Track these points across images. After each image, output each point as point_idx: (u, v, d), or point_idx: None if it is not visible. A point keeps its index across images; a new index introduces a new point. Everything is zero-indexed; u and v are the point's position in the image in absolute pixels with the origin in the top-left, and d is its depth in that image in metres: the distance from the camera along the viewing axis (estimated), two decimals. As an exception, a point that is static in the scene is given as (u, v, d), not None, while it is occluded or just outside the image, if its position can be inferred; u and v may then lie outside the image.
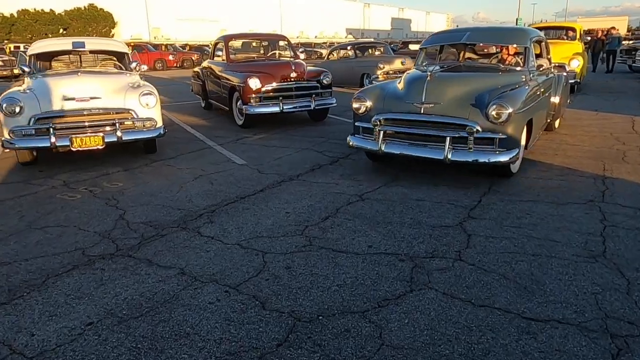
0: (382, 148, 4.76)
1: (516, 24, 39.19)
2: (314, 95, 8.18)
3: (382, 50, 15.62)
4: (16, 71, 18.60)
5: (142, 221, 4.00)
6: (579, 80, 11.07)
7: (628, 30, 67.89)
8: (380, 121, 4.82)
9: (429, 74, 4.74)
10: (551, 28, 13.25)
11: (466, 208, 4.08)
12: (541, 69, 5.69)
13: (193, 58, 30.74)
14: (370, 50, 15.96)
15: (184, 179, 5.23)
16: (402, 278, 2.93)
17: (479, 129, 4.36)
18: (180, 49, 34.55)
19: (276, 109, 7.89)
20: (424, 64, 5.95)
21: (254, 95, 7.84)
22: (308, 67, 8.73)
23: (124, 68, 7.23)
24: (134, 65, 7.12)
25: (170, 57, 30.14)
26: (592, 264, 3.04)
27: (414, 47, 21.64)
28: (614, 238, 3.41)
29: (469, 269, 3.02)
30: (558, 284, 2.81)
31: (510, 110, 4.29)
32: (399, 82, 5.20)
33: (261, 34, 12.05)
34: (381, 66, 12.59)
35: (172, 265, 3.19)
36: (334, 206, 4.23)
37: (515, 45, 5.76)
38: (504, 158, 4.37)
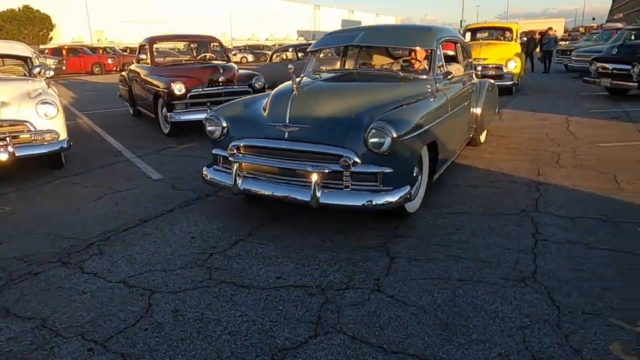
0: (239, 185, 3.60)
1: (460, 26, 40.14)
2: (245, 100, 7.65)
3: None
4: None
5: (16, 256, 3.38)
6: (516, 82, 11.11)
7: (565, 31, 71.31)
8: (238, 149, 3.67)
9: (295, 86, 3.62)
10: (487, 29, 13.30)
11: (392, 225, 3.71)
12: (449, 76, 4.52)
13: (134, 61, 29.36)
14: (313, 52, 15.57)
15: (85, 200, 4.61)
16: (308, 319, 2.49)
17: (357, 160, 3.26)
18: (121, 52, 32.99)
19: (204, 116, 7.29)
20: (315, 71, 4.96)
21: (179, 102, 7.25)
22: (240, 71, 8.23)
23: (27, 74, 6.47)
24: (37, 70, 6.36)
25: (109, 61, 28.70)
26: (522, 288, 2.72)
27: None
28: (545, 255, 3.12)
29: (386, 302, 2.63)
30: (483, 317, 2.46)
31: (394, 134, 3.18)
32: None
33: (189, 35, 11.38)
34: (291, 69, 12.14)
35: (34, 315, 2.62)
36: (249, 226, 3.76)
37: (418, 48, 4.67)
38: (391, 198, 3.27)
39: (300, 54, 14.71)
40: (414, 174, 3.69)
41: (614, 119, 8.13)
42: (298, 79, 3.85)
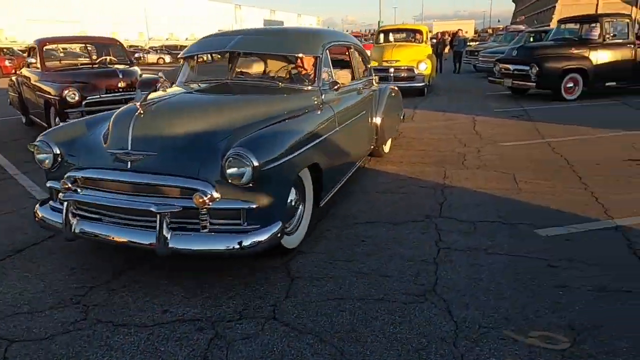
0: (73, 227, 2.88)
1: (378, 27, 41.15)
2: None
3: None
4: None
5: None
6: (428, 83, 11.46)
7: (475, 32, 75.89)
8: (73, 181, 2.96)
9: (139, 104, 2.96)
10: (399, 30, 13.62)
11: (297, 239, 3.53)
12: (336, 86, 4.00)
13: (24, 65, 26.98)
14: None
15: (-52, 229, 3.98)
16: (192, 360, 2.24)
17: (216, 194, 2.68)
18: (20, 53, 30.21)
19: (102, 125, 6.72)
20: (188, 81, 4.30)
21: (73, 110, 6.62)
22: (144, 75, 7.68)
23: None
24: None
25: (7, 63, 26.19)
26: (421, 304, 2.64)
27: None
28: (446, 264, 3.09)
29: (281, 332, 2.43)
30: (381, 340, 2.34)
31: (255, 163, 2.62)
32: None
33: (85, 37, 10.58)
34: (162, 78, 11.72)
35: None
36: (137, 252, 3.40)
37: (301, 55, 4.10)
38: (259, 238, 2.70)
39: (217, 55, 14.25)
40: (292, 204, 3.21)
41: (516, 117, 8.59)
42: (155, 93, 3.34)
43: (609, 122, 7.67)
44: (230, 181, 2.67)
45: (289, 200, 3.12)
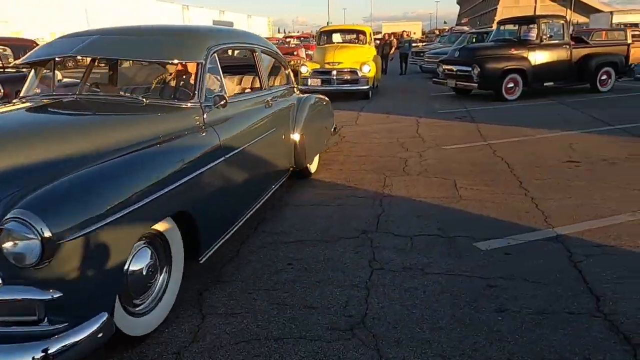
0: None
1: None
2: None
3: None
4: None
5: None
6: (372, 86, 11.21)
7: (423, 33, 77.61)
8: None
9: None
10: (341, 31, 13.35)
11: (215, 267, 3.13)
12: (221, 102, 3.05)
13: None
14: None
15: None
16: None
17: None
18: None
19: None
20: (39, 94, 3.34)
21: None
22: (65, 80, 7.01)
23: None
24: None
25: None
26: (347, 341, 2.32)
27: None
28: (378, 289, 2.79)
29: (179, 390, 2.04)
30: (296, 394, 1.99)
31: (46, 233, 1.72)
32: None
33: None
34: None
35: None
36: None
37: (176, 61, 3.22)
38: (71, 339, 1.80)
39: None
40: (144, 273, 2.29)
41: (459, 119, 8.53)
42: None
43: (547, 123, 7.73)
44: (12, 261, 1.75)
45: (139, 269, 2.26)
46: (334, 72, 10.61)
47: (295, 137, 4.47)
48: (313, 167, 5.18)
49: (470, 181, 4.79)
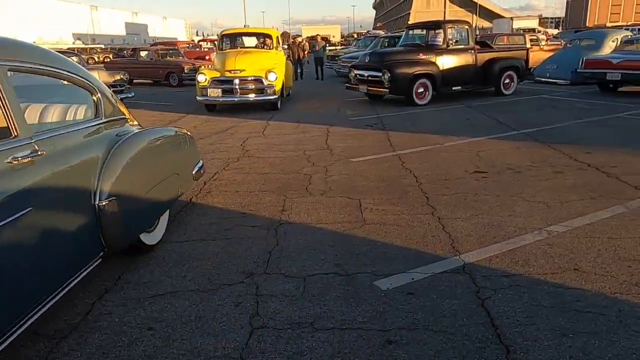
0: None
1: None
2: None
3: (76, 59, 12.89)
4: None
5: None
6: (279, 96, 10.27)
7: (342, 37, 78.75)
8: None
9: None
10: (245, 34, 12.59)
11: (59, 332, 2.43)
12: None
13: None
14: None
15: None
16: None
17: None
18: None
19: None
20: None
21: None
22: None
23: None
24: None
25: None
26: None
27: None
28: (256, 359, 2.26)
29: None
30: None
31: None
32: None
33: None
34: None
35: None
36: None
37: None
38: None
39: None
40: None
41: (370, 126, 8.26)
42: None
43: (456, 129, 7.67)
44: None
45: None
46: (237, 81, 9.66)
47: (101, 203, 2.71)
48: (156, 237, 3.54)
49: (376, 200, 4.41)
